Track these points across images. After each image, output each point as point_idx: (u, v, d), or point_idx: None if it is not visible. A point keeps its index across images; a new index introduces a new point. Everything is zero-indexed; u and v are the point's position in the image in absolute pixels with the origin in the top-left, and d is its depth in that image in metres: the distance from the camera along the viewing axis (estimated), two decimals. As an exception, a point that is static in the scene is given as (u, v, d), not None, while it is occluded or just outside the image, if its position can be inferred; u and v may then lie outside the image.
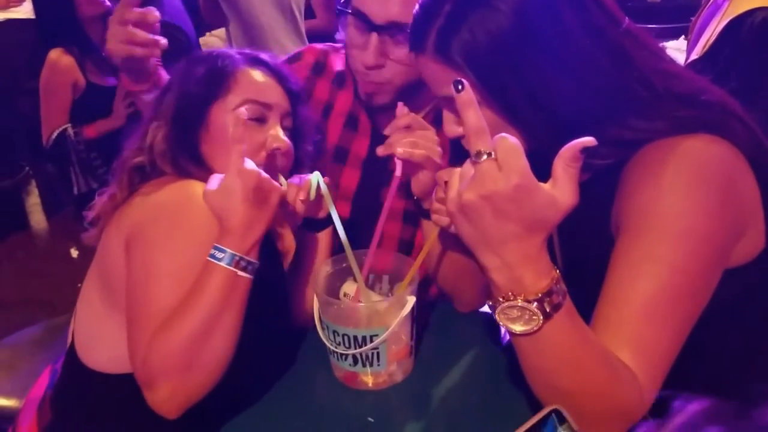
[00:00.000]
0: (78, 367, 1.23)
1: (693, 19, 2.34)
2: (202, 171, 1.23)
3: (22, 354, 2.05)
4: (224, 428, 1.20)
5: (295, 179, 1.29)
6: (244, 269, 1.08)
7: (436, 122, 1.36)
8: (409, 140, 1.25)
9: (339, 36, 1.60)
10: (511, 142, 0.81)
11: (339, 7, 1.42)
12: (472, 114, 0.83)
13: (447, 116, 1.10)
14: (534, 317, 0.84)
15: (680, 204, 0.94)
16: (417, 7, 1.06)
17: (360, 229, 1.42)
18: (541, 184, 0.81)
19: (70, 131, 3.00)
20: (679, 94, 1.01)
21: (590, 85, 0.98)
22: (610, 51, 0.99)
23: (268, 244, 1.41)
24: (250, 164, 1.12)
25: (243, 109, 1.26)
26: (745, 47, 1.85)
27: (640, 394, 0.89)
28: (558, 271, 0.86)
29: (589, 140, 0.81)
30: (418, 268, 1.25)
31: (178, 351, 1.03)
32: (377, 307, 1.24)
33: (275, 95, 1.31)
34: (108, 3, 3.02)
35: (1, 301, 3.42)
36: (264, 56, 1.37)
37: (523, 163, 0.80)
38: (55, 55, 2.93)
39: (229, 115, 1.26)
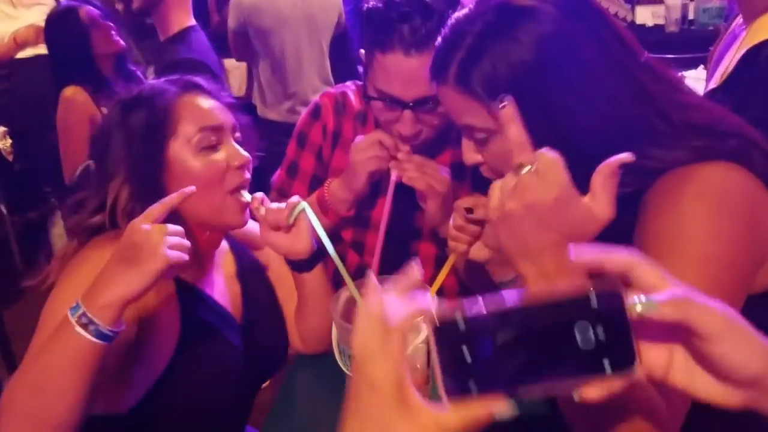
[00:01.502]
0: None
1: (711, 48, 2.34)
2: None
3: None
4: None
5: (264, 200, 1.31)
6: (84, 327, 0.97)
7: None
8: (414, 166, 1.40)
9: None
10: (551, 156, 0.85)
11: (368, 94, 1.46)
12: (514, 129, 0.89)
13: (466, 144, 1.12)
14: None
15: (701, 230, 0.94)
16: (439, 39, 1.09)
17: (396, 252, 1.53)
18: (581, 196, 0.85)
19: (93, 167, 3.03)
20: (696, 124, 1.01)
21: (608, 116, 1.00)
22: (627, 83, 1.01)
23: (259, 286, 1.44)
24: (147, 225, 1.03)
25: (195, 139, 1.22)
26: (763, 76, 1.85)
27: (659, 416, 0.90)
28: None
29: (627, 156, 0.84)
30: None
31: (16, 400, 1.00)
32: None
33: (220, 115, 1.28)
34: (122, 43, 3.09)
35: (27, 333, 3.44)
36: (195, 78, 1.33)
37: (564, 176, 0.84)
38: (70, 92, 2.97)
39: (186, 152, 1.22)
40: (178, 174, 1.21)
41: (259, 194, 1.30)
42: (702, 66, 2.91)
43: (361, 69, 1.54)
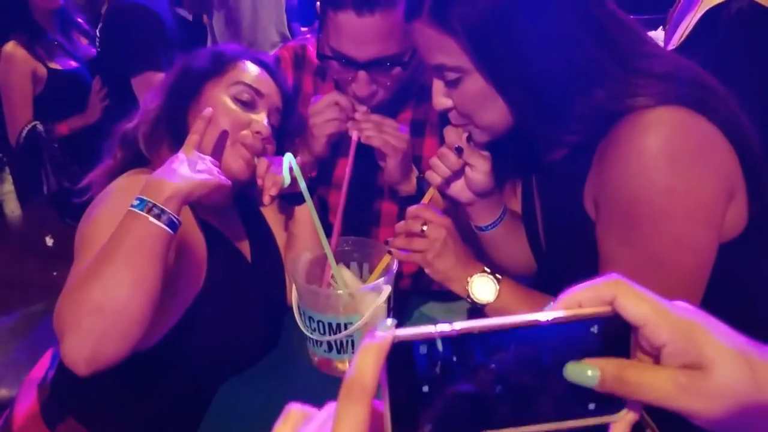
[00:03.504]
0: None
1: (671, 10, 2.35)
2: (172, 150, 1.25)
3: (-1, 342, 2.04)
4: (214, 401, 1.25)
5: (271, 162, 1.33)
6: (157, 217, 1.04)
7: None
8: (372, 125, 1.39)
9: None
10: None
11: (320, 53, 1.42)
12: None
13: (437, 87, 1.13)
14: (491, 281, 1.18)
15: (669, 183, 0.94)
16: None
17: (358, 211, 1.55)
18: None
19: (40, 128, 2.95)
20: (656, 73, 1.02)
21: (567, 58, 1.01)
22: (591, 28, 1.02)
23: (262, 229, 1.50)
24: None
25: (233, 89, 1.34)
26: (721, 38, 1.86)
27: None
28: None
29: None
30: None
31: (87, 296, 1.00)
32: (353, 295, 1.24)
33: (268, 88, 1.38)
34: (61, 0, 2.99)
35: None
36: (266, 58, 1.46)
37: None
38: (10, 48, 2.89)
39: (221, 93, 1.33)
40: (203, 107, 1.29)
41: (266, 161, 1.33)
42: (661, 27, 2.92)
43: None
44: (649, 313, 0.48)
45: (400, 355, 0.45)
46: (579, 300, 0.50)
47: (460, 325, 0.46)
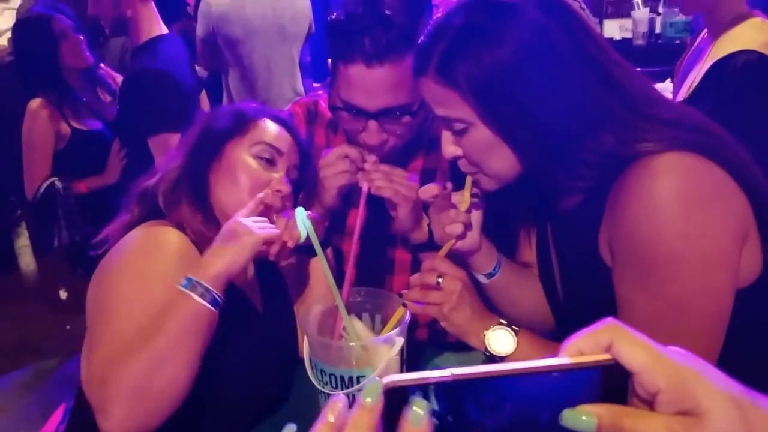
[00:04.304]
0: (84, 401, 1.21)
1: (678, 62, 2.37)
2: (192, 208, 1.31)
3: (12, 397, 2.04)
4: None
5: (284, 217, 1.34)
6: (201, 296, 1.08)
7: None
8: (382, 176, 1.40)
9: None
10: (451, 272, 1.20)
11: (332, 105, 1.46)
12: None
13: (446, 137, 1.14)
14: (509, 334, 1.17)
15: (682, 227, 0.95)
16: (422, 37, 1.12)
17: (372, 260, 1.56)
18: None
19: (59, 185, 2.98)
20: (663, 119, 1.03)
21: (574, 106, 1.02)
22: (598, 76, 1.04)
23: (274, 280, 1.50)
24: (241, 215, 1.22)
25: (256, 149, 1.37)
26: (729, 90, 1.88)
27: None
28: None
29: None
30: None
31: (133, 375, 1.03)
32: (365, 347, 1.24)
33: (287, 145, 1.41)
34: (91, 59, 3.04)
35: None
36: (285, 116, 1.50)
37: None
38: (35, 106, 2.93)
39: (242, 152, 1.35)
40: (225, 167, 1.34)
41: (284, 219, 1.34)
42: (669, 79, 2.95)
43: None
44: (645, 359, 0.49)
45: (395, 402, 0.45)
46: (579, 347, 0.50)
47: (455, 371, 0.46)
